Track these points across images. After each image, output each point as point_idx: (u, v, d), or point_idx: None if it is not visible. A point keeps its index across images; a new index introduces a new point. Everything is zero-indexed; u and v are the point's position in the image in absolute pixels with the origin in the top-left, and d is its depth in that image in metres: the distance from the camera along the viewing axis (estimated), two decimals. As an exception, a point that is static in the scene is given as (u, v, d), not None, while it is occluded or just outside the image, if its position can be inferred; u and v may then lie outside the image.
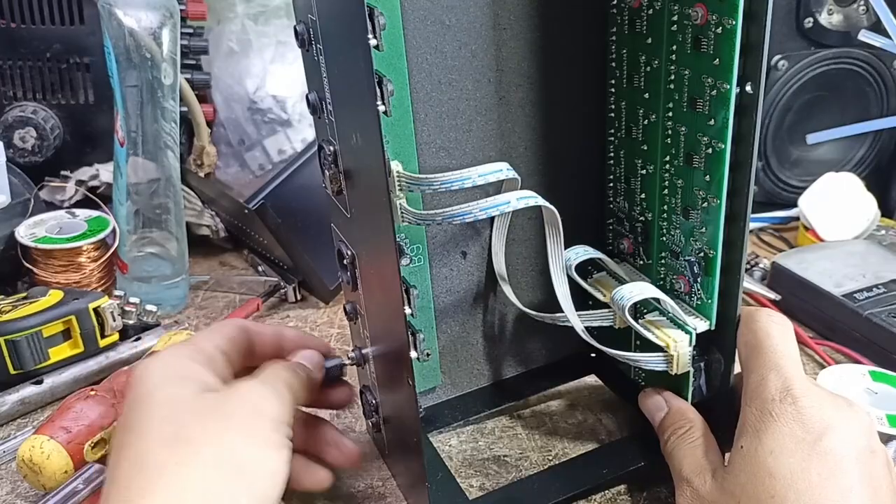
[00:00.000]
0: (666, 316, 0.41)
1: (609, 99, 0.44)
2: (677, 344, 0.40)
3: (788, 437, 0.33)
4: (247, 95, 0.81)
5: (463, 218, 0.38)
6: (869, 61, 0.74)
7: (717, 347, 0.42)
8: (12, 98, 0.74)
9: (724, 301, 0.40)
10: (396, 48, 0.38)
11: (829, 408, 0.34)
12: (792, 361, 0.36)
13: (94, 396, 0.45)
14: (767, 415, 0.34)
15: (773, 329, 0.38)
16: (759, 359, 0.37)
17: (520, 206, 0.38)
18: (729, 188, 0.37)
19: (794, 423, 0.34)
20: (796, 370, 0.36)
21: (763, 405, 0.35)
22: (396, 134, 0.40)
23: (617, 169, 0.45)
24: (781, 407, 0.34)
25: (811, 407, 0.34)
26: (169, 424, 0.33)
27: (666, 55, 0.39)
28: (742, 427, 0.36)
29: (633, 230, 0.45)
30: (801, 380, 0.35)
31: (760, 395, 0.35)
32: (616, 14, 0.42)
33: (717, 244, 0.38)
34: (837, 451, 0.33)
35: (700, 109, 0.37)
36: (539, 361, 0.51)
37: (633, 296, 0.41)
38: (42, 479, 0.42)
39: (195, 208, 0.74)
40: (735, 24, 0.33)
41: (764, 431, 0.34)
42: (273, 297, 0.66)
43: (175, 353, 0.37)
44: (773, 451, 0.33)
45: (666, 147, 0.41)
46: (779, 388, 0.35)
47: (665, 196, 0.42)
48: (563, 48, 0.43)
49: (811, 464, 0.32)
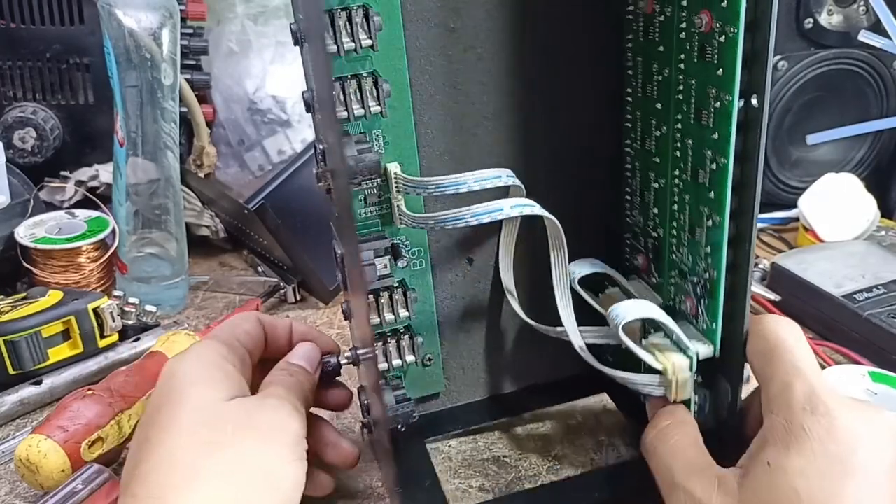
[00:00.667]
0: (670, 338, 0.39)
1: (626, 108, 0.42)
2: (676, 368, 0.38)
3: (821, 455, 0.31)
4: (246, 96, 0.81)
5: (455, 223, 0.37)
6: (869, 62, 0.73)
7: (724, 375, 0.39)
8: (12, 98, 0.74)
9: (729, 326, 0.38)
10: (396, 49, 0.38)
11: (860, 419, 0.32)
12: (811, 364, 0.34)
13: (92, 396, 0.45)
14: (798, 428, 0.32)
15: (785, 333, 0.36)
16: (776, 365, 0.35)
17: (514, 213, 0.38)
18: (734, 208, 0.35)
19: (827, 439, 0.31)
20: (818, 374, 0.34)
21: (792, 416, 0.32)
22: (396, 135, 0.39)
23: (633, 181, 0.43)
24: (813, 420, 0.32)
25: (843, 418, 0.32)
26: (204, 428, 0.34)
27: (675, 64, 0.37)
28: (766, 438, 0.33)
29: (646, 246, 0.43)
30: (826, 385, 0.33)
31: (788, 404, 0.33)
32: (632, 20, 0.40)
33: (720, 266, 0.36)
34: (870, 467, 0.31)
35: (705, 122, 0.36)
36: (549, 377, 0.49)
37: (629, 314, 0.38)
38: (40, 479, 0.42)
39: (195, 209, 0.74)
40: (737, 32, 0.32)
41: (795, 447, 0.32)
42: (273, 297, 0.66)
43: (206, 351, 0.38)
44: (803, 470, 0.31)
45: (675, 160, 0.39)
46: (806, 394, 0.33)
47: (675, 212, 0.40)
48: (578, 54, 0.41)
49: (844, 486, 0.30)
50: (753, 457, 0.33)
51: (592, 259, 0.43)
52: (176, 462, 0.32)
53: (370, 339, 0.35)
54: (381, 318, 0.41)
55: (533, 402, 0.49)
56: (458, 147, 0.41)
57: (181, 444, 0.33)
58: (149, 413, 0.36)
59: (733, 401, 0.38)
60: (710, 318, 0.38)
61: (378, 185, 0.39)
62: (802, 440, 0.31)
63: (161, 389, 0.36)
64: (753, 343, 0.36)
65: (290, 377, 0.39)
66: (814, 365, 0.34)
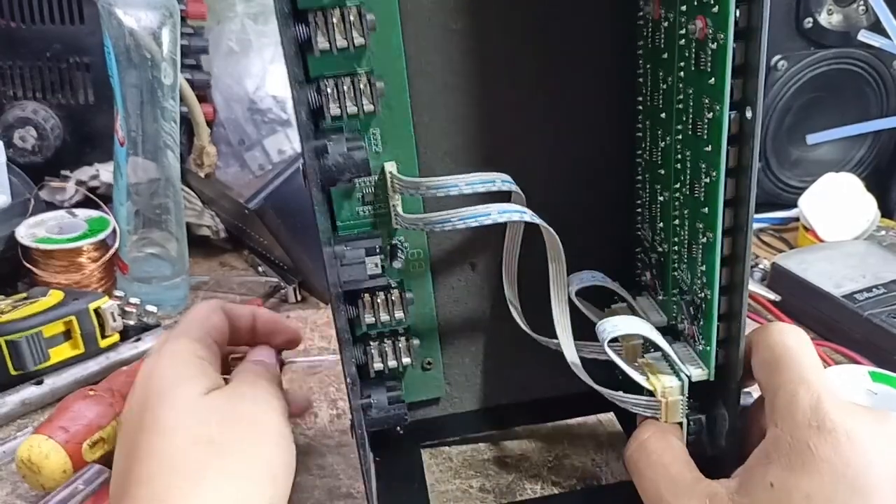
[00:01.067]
0: (665, 359, 0.38)
1: (637, 117, 0.41)
2: (666, 390, 0.37)
3: (829, 478, 0.29)
4: (246, 95, 0.81)
5: (442, 226, 0.37)
6: (868, 62, 0.74)
7: (722, 401, 0.37)
8: (12, 98, 0.74)
9: (725, 350, 0.36)
10: (394, 48, 0.38)
11: (868, 434, 0.30)
12: (818, 373, 0.33)
13: (93, 396, 0.45)
14: (804, 447, 0.30)
15: (791, 341, 0.34)
16: (782, 374, 0.33)
17: (501, 219, 0.36)
18: (727, 225, 0.34)
19: (835, 460, 0.30)
20: (824, 383, 0.33)
21: (797, 432, 0.31)
22: (393, 135, 0.39)
23: (643, 193, 0.42)
24: (820, 438, 0.30)
25: (850, 434, 0.30)
26: (199, 427, 0.34)
27: (676, 72, 0.36)
28: (769, 454, 0.32)
29: (651, 262, 0.42)
30: (832, 394, 0.32)
31: (793, 418, 0.31)
32: (642, 26, 0.39)
33: (713, 284, 0.35)
34: (881, 489, 0.29)
35: (700, 133, 0.34)
36: (555, 391, 0.46)
37: (616, 329, 0.37)
38: (41, 479, 0.42)
39: (195, 208, 0.74)
40: (725, 38, 0.31)
41: (800, 468, 0.30)
42: (273, 297, 0.67)
43: (181, 349, 0.38)
44: (810, 496, 0.29)
45: (676, 173, 0.37)
46: (812, 406, 0.31)
47: (676, 227, 0.38)
48: (587, 60, 0.40)
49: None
50: (753, 473, 0.32)
51: (594, 272, 0.42)
52: (176, 463, 0.32)
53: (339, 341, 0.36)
54: (377, 318, 0.40)
55: (537, 416, 0.47)
56: (460, 149, 0.41)
57: (178, 445, 0.33)
58: (132, 415, 0.35)
59: (732, 427, 0.37)
60: (705, 340, 0.37)
61: (374, 184, 0.39)
62: (808, 460, 0.30)
63: (142, 391, 0.36)
64: (758, 353, 0.35)
65: (254, 366, 0.40)
66: (820, 373, 0.33)
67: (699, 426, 0.38)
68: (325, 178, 0.36)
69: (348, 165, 0.36)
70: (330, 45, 0.35)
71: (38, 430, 0.43)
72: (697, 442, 0.38)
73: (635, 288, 0.44)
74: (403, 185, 0.38)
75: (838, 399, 0.32)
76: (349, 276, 0.39)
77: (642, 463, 0.36)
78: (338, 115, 0.37)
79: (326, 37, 0.35)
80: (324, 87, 0.36)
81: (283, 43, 0.32)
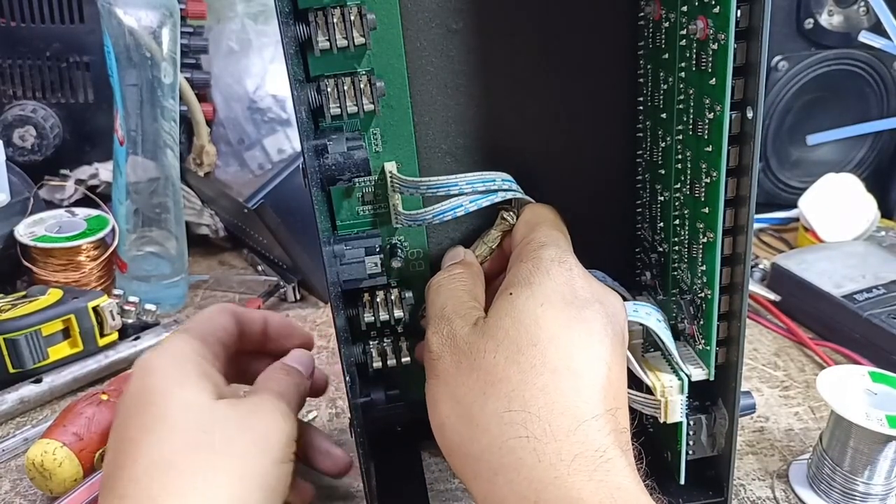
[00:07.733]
0: (667, 357, 0.39)
1: (638, 117, 0.41)
2: (665, 389, 0.37)
3: (560, 295, 0.33)
4: (246, 95, 0.81)
5: (423, 221, 0.38)
6: (869, 62, 0.74)
7: (723, 401, 0.38)
8: (12, 97, 0.74)
9: (725, 350, 0.37)
10: (394, 48, 0.38)
11: (598, 286, 0.34)
12: (568, 243, 0.36)
13: (107, 402, 0.45)
14: (544, 272, 0.34)
15: (551, 213, 0.38)
16: (538, 230, 0.37)
17: (472, 209, 0.37)
18: (728, 225, 0.34)
19: (566, 286, 0.33)
20: (570, 248, 0.36)
21: (540, 263, 0.34)
22: (394, 134, 0.39)
23: (644, 193, 0.42)
24: (559, 269, 0.34)
25: (584, 277, 0.34)
26: (196, 430, 0.33)
27: (677, 73, 0.37)
28: (512, 279, 0.35)
29: (652, 261, 0.42)
30: (577, 260, 0.35)
31: (538, 255, 0.35)
32: (643, 26, 0.39)
33: (713, 285, 0.35)
34: (601, 322, 0.33)
35: (700, 133, 0.35)
36: None
37: (636, 315, 0.37)
38: (51, 485, 0.42)
39: (195, 207, 0.74)
40: (727, 39, 0.31)
41: (538, 284, 0.33)
42: (273, 296, 0.66)
43: (180, 347, 0.37)
44: (543, 303, 0.32)
45: (677, 173, 0.38)
46: (558, 255, 0.35)
47: (676, 227, 0.39)
48: (588, 60, 0.40)
49: (576, 326, 0.32)
50: (499, 295, 0.34)
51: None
52: (170, 465, 0.32)
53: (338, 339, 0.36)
54: (376, 317, 0.41)
55: None
56: (461, 149, 0.41)
57: (175, 447, 0.33)
58: (127, 411, 0.35)
59: (731, 428, 0.37)
60: (705, 339, 0.37)
61: (374, 183, 0.39)
62: (545, 279, 0.33)
63: (138, 387, 0.35)
64: (522, 217, 0.39)
65: (286, 376, 0.39)
66: (568, 243, 0.36)
67: (698, 426, 0.38)
68: (325, 177, 0.37)
69: (348, 165, 0.36)
70: (330, 44, 0.35)
71: (51, 433, 0.43)
72: (694, 440, 0.38)
73: (635, 288, 0.44)
74: (403, 185, 0.38)
75: (580, 264, 0.35)
76: (349, 275, 0.39)
77: (444, 288, 0.37)
78: (338, 114, 0.37)
79: (327, 36, 0.35)
80: (324, 87, 0.36)
81: (284, 42, 0.32)
